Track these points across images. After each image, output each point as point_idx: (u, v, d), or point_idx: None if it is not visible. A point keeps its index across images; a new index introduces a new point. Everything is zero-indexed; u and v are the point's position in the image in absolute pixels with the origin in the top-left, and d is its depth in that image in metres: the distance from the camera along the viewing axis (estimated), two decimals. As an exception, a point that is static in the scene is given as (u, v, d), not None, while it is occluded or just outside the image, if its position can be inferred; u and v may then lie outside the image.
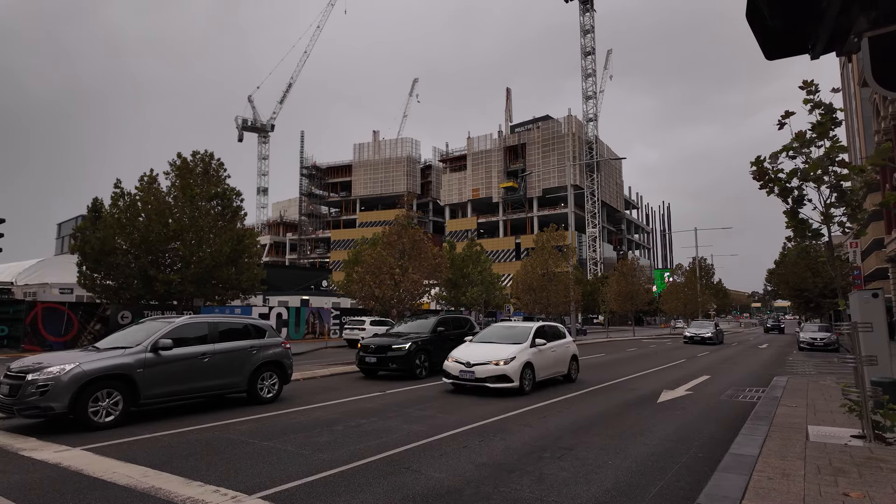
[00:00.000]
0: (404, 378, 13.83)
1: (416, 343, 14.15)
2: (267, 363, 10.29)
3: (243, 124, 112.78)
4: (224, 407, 9.73)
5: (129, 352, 8.39)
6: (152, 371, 8.45)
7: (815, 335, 27.65)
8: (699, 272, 61.56)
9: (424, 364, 14.23)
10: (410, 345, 13.92)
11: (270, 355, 10.39)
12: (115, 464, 6.03)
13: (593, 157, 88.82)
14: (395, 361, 13.76)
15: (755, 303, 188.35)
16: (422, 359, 14.18)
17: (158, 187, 21.39)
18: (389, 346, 13.98)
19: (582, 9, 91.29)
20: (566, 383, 13.27)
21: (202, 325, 9.62)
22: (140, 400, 8.29)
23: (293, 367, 11.18)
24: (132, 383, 8.17)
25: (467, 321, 17.50)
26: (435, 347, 14.79)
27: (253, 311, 28.69)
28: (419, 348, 14.13)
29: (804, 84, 7.20)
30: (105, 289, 20.88)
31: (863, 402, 6.51)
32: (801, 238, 7.85)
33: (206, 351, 9.28)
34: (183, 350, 8.97)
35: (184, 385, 8.90)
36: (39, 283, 32.41)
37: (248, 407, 9.74)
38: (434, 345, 14.78)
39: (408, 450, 6.65)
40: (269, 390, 10.29)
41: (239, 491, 5.10)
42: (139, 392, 8.25)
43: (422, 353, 14.20)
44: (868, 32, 1.91)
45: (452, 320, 16.92)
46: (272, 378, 10.38)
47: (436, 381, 13.14)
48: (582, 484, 5.37)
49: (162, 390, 8.58)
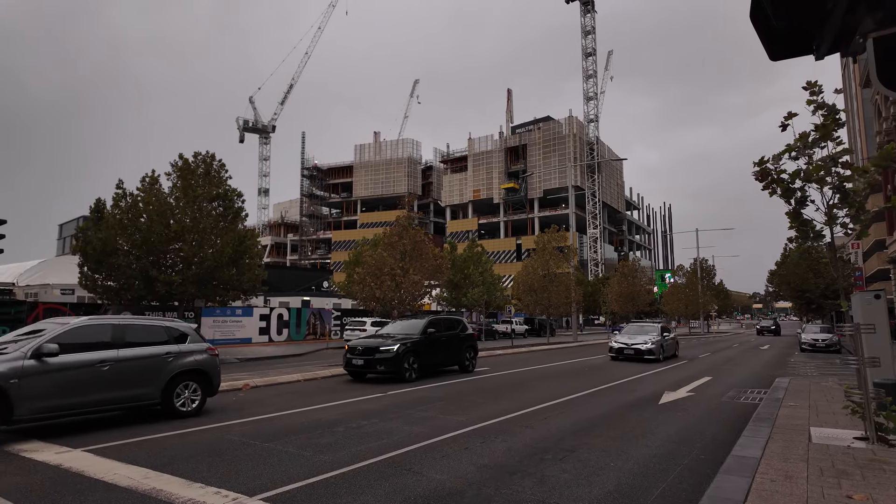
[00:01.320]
0: (395, 381, 13.52)
1: (405, 345, 13.70)
2: (186, 372, 9.00)
3: (244, 125, 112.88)
4: (222, 409, 9.72)
5: (3, 358, 7.13)
6: (33, 381, 7.18)
7: (817, 336, 27.60)
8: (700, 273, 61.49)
9: (414, 366, 13.79)
10: (399, 347, 13.48)
11: (191, 363, 9.10)
12: (116, 465, 6.02)
13: (594, 157, 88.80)
14: (382, 364, 13.31)
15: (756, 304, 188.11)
16: (411, 361, 13.71)
17: (160, 188, 21.39)
18: (377, 347, 13.51)
19: (583, 10, 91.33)
20: (572, 386, 13.25)
21: (105, 327, 8.40)
22: (14, 416, 7.01)
23: (220, 375, 9.82)
24: (4, 396, 6.92)
25: (459, 322, 17.15)
26: (425, 349, 14.40)
27: (254, 312, 28.69)
28: (408, 350, 13.69)
29: (808, 85, 7.19)
30: (106, 289, 20.87)
31: (865, 404, 6.49)
32: (803, 239, 7.82)
33: (106, 358, 8.01)
34: (76, 357, 7.72)
35: (77, 398, 7.65)
36: (41, 283, 32.44)
37: (465, 373, 9.79)
38: (424, 346, 14.40)
39: (409, 451, 6.63)
40: (188, 403, 8.97)
41: (240, 492, 5.09)
42: (12, 406, 6.96)
43: (411, 355, 13.76)
44: (873, 33, 1.90)
45: (444, 321, 16.56)
46: (192, 389, 9.10)
47: (428, 384, 13.03)
48: (584, 486, 5.35)
49: (46, 404, 7.33)
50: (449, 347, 15.65)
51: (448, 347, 15.61)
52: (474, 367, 16.60)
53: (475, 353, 16.91)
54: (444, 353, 15.47)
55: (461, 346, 16.21)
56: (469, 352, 16.46)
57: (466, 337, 16.62)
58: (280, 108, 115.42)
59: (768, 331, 55.66)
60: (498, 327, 43.82)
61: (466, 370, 16.12)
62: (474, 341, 16.95)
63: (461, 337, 16.36)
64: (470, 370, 16.23)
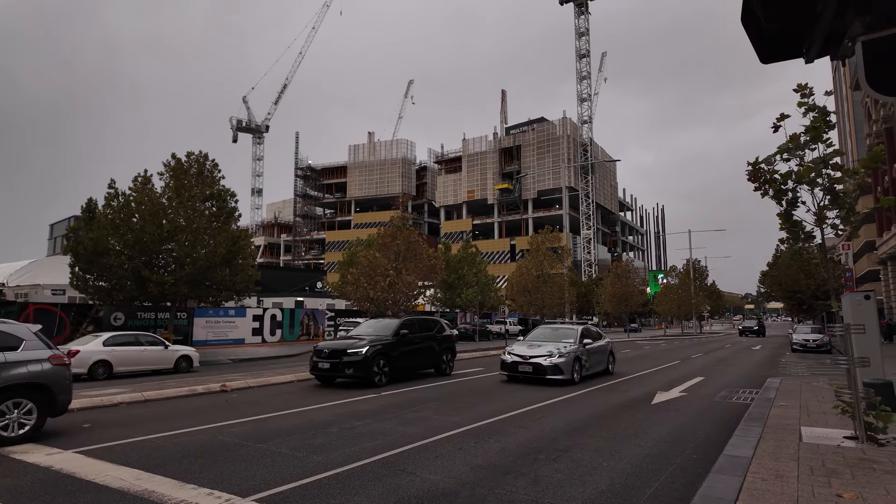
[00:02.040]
0: (363, 385, 12.60)
1: (375, 347, 12.80)
2: (16, 387, 7.21)
3: (238, 125, 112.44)
4: (217, 410, 9.68)
5: None
6: None
7: (808, 337, 27.82)
8: (693, 274, 61.86)
9: (384, 370, 12.88)
10: (368, 349, 12.58)
11: (24, 375, 7.29)
12: (107, 466, 5.98)
13: (588, 159, 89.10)
14: (350, 367, 12.41)
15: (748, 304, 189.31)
16: (381, 365, 12.80)
17: (153, 188, 21.28)
18: (344, 350, 12.61)
19: (577, 12, 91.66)
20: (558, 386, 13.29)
21: None
22: None
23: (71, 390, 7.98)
24: None
25: (436, 323, 16.33)
26: (397, 352, 13.53)
27: (247, 313, 28.59)
28: (378, 353, 12.78)
29: (798, 87, 7.25)
30: (98, 290, 20.73)
31: (855, 404, 6.55)
32: (794, 240, 7.89)
33: None
34: None
35: None
36: (31, 284, 32.16)
37: (243, 410, 9.69)
38: (396, 349, 13.51)
39: (403, 452, 6.63)
40: (16, 426, 7.13)
41: (233, 494, 5.07)
42: None
43: (381, 358, 12.84)
44: (862, 37, 1.92)
45: (419, 322, 15.66)
46: (25, 408, 7.26)
47: (402, 388, 12.42)
48: (577, 486, 5.37)
49: None
50: (424, 350, 14.82)
51: (423, 350, 14.79)
52: (452, 370, 15.86)
53: (453, 355, 16.12)
54: (420, 355, 14.65)
55: (438, 348, 15.36)
56: (446, 354, 15.67)
57: (444, 339, 15.77)
58: (274, 108, 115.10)
59: (751, 332, 51.30)
60: (492, 328, 43.87)
61: (443, 373, 15.36)
62: (452, 343, 16.20)
63: (438, 339, 15.50)
64: (447, 373, 15.48)
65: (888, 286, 34.42)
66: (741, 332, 53.84)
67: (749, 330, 52.59)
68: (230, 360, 20.50)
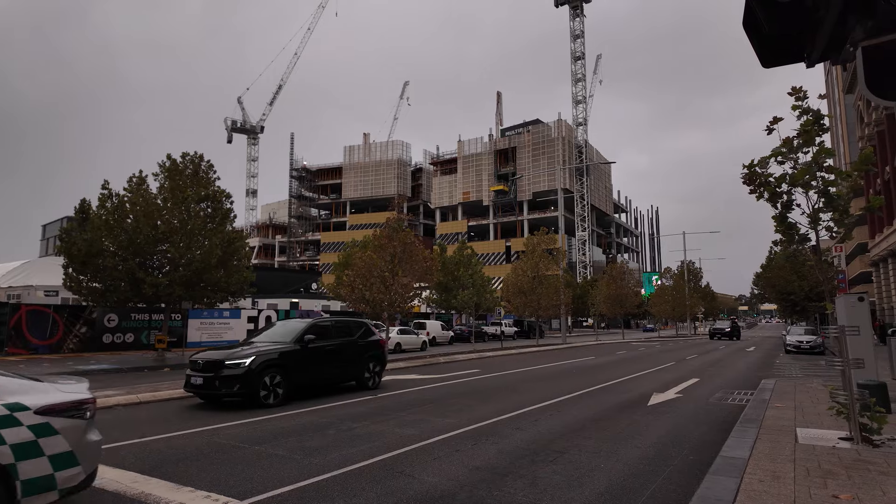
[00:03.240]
0: (250, 406, 10.03)
1: (265, 357, 10.35)
2: None
3: (232, 126, 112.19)
4: (214, 410, 9.64)
5: None
6: None
7: (802, 338, 27.97)
8: (687, 275, 62.08)
9: (277, 386, 10.38)
10: (253, 360, 10.09)
11: None
12: (103, 469, 5.91)
13: (583, 161, 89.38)
14: (229, 383, 9.87)
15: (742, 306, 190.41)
16: (273, 379, 10.32)
17: (147, 188, 21.16)
18: (222, 361, 10.06)
19: (572, 14, 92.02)
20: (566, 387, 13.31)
21: None
22: None
23: None
24: None
25: (360, 326, 13.62)
26: (299, 362, 11.00)
27: (242, 314, 28.47)
28: (268, 364, 10.30)
29: (793, 90, 7.31)
30: (91, 291, 20.58)
31: (850, 405, 6.59)
32: (789, 242, 7.95)
33: None
34: None
35: None
36: (24, 285, 31.92)
37: (240, 411, 9.65)
38: (298, 359, 10.99)
39: (400, 454, 6.62)
40: None
41: (230, 496, 5.05)
42: None
43: (274, 370, 10.35)
44: (863, 42, 1.94)
45: (335, 325, 12.91)
46: None
47: (306, 407, 10.03)
48: (575, 487, 5.38)
49: None
50: (340, 359, 12.24)
51: (339, 359, 12.19)
52: (379, 383, 13.32)
53: (382, 364, 13.54)
54: (333, 366, 12.07)
55: (360, 356, 12.78)
56: (372, 363, 13.08)
57: (368, 345, 13.20)
58: (269, 109, 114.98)
59: (723, 335, 45.50)
60: (487, 329, 43.88)
61: (367, 387, 12.76)
62: (381, 350, 13.61)
63: (360, 345, 12.94)
64: (372, 387, 12.89)
65: (880, 288, 34.69)
66: (711, 334, 47.42)
67: (720, 332, 46.17)
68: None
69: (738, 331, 47.44)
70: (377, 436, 7.64)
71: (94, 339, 23.39)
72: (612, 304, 47.36)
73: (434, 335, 34.57)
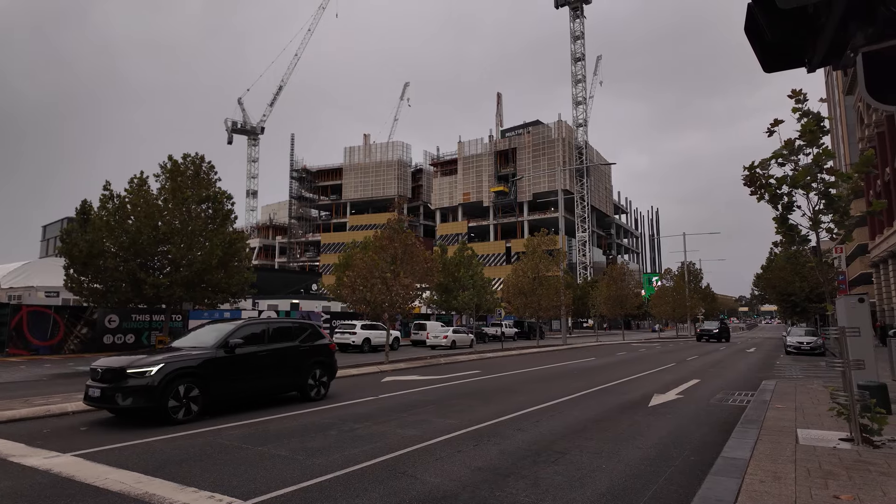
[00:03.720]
0: (158, 422, 8.59)
1: (177, 365, 8.90)
2: None
3: (233, 127, 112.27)
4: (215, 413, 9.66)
5: None
6: None
7: (802, 339, 27.98)
8: (687, 276, 62.08)
9: (191, 399, 8.91)
10: (161, 368, 8.67)
11: None
12: (106, 469, 5.97)
13: (583, 162, 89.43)
14: (130, 395, 8.45)
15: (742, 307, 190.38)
16: (187, 391, 8.88)
17: (148, 189, 21.19)
18: (124, 369, 8.62)
19: (572, 15, 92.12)
20: (558, 387, 13.31)
21: None
22: None
23: None
24: None
25: (305, 328, 11.79)
26: (220, 372, 9.47)
27: (242, 315, 28.51)
28: (181, 373, 8.87)
29: (793, 93, 7.34)
30: (92, 292, 20.61)
31: (851, 406, 6.62)
32: (789, 243, 7.98)
33: None
34: None
35: None
36: (24, 286, 31.94)
37: (239, 413, 9.67)
38: (219, 367, 9.46)
39: (403, 454, 6.65)
40: None
41: (234, 496, 5.07)
42: None
43: (187, 380, 8.92)
44: (863, 48, 1.97)
45: (270, 328, 10.95)
46: None
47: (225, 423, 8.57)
48: (577, 488, 5.40)
49: None
50: (277, 366, 10.63)
51: (275, 366, 10.60)
52: (326, 394, 11.60)
53: (329, 372, 11.86)
54: (267, 374, 10.43)
55: (302, 363, 11.13)
56: (318, 370, 11.43)
57: (313, 350, 11.50)
58: (269, 110, 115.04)
59: (711, 336, 42.94)
60: (488, 330, 43.89)
61: (309, 398, 11.12)
62: (328, 355, 11.91)
63: (302, 350, 11.23)
64: (317, 397, 11.24)
65: (881, 289, 34.70)
66: (698, 336, 44.52)
67: (708, 334, 43.33)
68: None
69: (727, 332, 44.70)
70: (379, 436, 7.66)
71: (94, 340, 23.43)
72: (612, 305, 47.36)
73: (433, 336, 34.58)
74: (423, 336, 33.85)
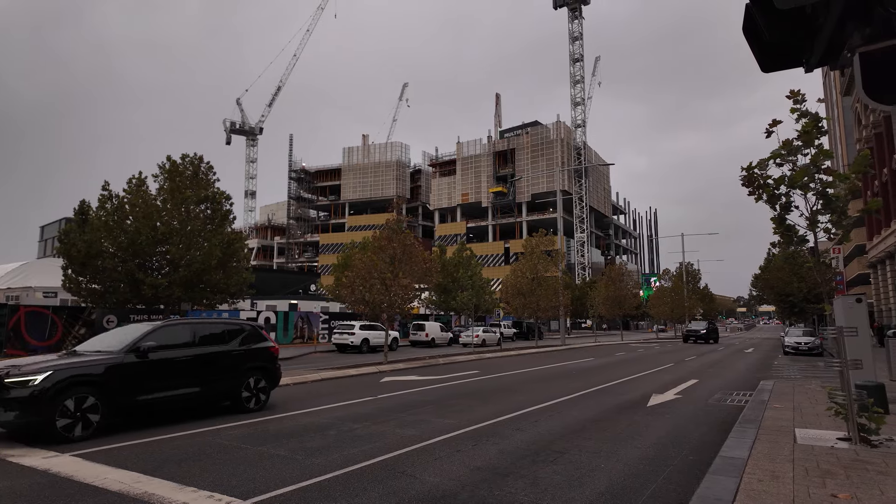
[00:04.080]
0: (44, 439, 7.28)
1: (72, 372, 7.61)
2: None
3: (231, 127, 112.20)
4: (216, 413, 9.65)
5: None
6: None
7: (800, 340, 28.04)
8: (686, 277, 62.19)
9: (89, 412, 7.60)
10: (49, 376, 7.37)
11: None
12: (105, 469, 5.96)
13: (581, 162, 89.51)
14: (13, 407, 7.18)
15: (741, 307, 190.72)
16: (82, 403, 7.54)
17: (147, 190, 21.18)
18: (1, 378, 7.32)
19: (570, 16, 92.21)
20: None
21: None
22: None
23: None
24: None
25: (239, 330, 10.24)
26: (128, 380, 8.16)
27: (241, 315, 28.49)
28: (75, 382, 7.58)
29: (791, 94, 7.37)
30: (91, 292, 20.58)
31: (849, 406, 6.64)
32: (787, 244, 8.00)
33: None
34: None
35: None
36: (22, 286, 31.87)
37: (241, 413, 9.66)
38: (127, 375, 8.16)
39: (402, 454, 6.65)
40: None
41: (233, 496, 5.08)
42: None
43: (83, 390, 7.62)
44: (860, 48, 1.99)
45: (196, 330, 9.53)
46: None
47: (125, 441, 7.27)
48: (576, 487, 5.41)
49: None
50: (203, 373, 9.20)
51: (200, 373, 9.16)
52: (265, 403, 10.15)
53: (270, 380, 10.39)
54: (189, 382, 8.96)
55: (235, 369, 9.74)
56: (254, 378, 9.98)
57: (250, 354, 10.11)
58: (268, 111, 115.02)
59: (698, 338, 40.12)
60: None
61: (244, 409, 9.69)
62: (269, 360, 10.44)
63: (236, 355, 9.87)
64: (255, 408, 9.84)
65: (878, 289, 34.79)
66: (685, 337, 41.59)
67: (695, 335, 40.40)
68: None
69: (715, 333, 42.02)
70: (378, 436, 7.67)
71: (93, 341, 23.35)
72: (610, 305, 47.41)
73: (433, 337, 34.62)
74: (421, 336, 33.89)
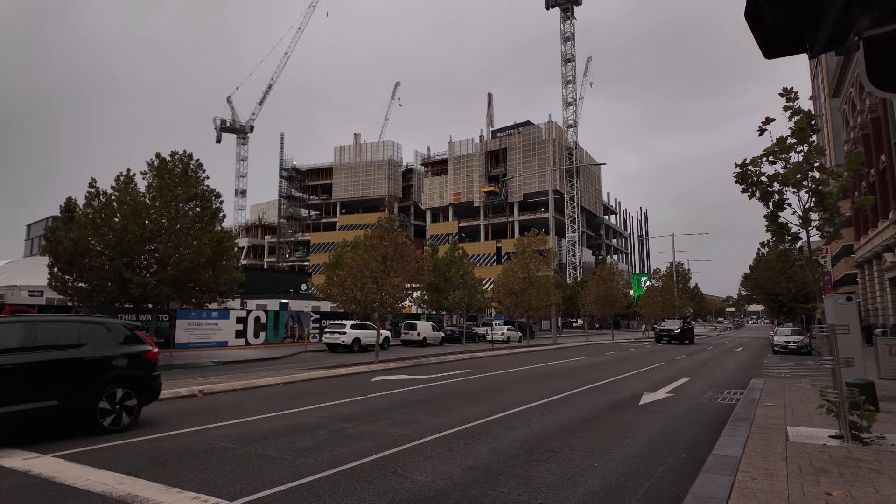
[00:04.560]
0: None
1: None
2: None
3: (222, 125, 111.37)
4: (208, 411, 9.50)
5: None
6: None
7: (789, 339, 28.25)
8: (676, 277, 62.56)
9: None
10: None
11: None
12: (88, 470, 5.82)
13: (573, 162, 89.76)
14: None
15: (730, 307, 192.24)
16: None
17: (135, 187, 20.89)
18: None
19: (562, 17, 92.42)
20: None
21: None
22: None
23: None
24: None
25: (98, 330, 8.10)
26: None
27: (230, 315, 28.21)
28: None
29: (784, 91, 7.36)
30: (77, 291, 20.27)
31: (840, 403, 6.64)
32: (780, 241, 8.00)
33: None
34: None
35: None
36: (7, 285, 31.40)
37: (231, 411, 9.52)
38: None
39: (393, 454, 6.56)
40: None
41: (220, 497, 4.96)
42: None
43: None
44: (868, 31, 1.92)
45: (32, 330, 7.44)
46: None
47: None
48: (569, 486, 5.35)
49: None
50: (35, 384, 7.17)
51: (31, 385, 7.12)
52: (134, 421, 8.06)
53: (145, 391, 8.37)
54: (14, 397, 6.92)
55: (86, 379, 7.65)
56: (120, 390, 7.93)
57: (110, 361, 7.99)
58: (258, 109, 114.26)
59: (672, 338, 36.86)
60: (478, 330, 43.86)
61: (102, 427, 7.63)
62: (143, 367, 8.41)
63: (90, 362, 7.76)
64: (114, 428, 7.73)
65: (865, 289, 35.14)
66: (658, 337, 38.07)
67: (668, 335, 36.99)
68: (213, 363, 20.19)
69: (691, 333, 38.72)
70: (369, 436, 7.57)
71: (79, 340, 22.98)
72: (601, 304, 47.54)
73: (425, 336, 34.51)
74: (413, 335, 33.77)
